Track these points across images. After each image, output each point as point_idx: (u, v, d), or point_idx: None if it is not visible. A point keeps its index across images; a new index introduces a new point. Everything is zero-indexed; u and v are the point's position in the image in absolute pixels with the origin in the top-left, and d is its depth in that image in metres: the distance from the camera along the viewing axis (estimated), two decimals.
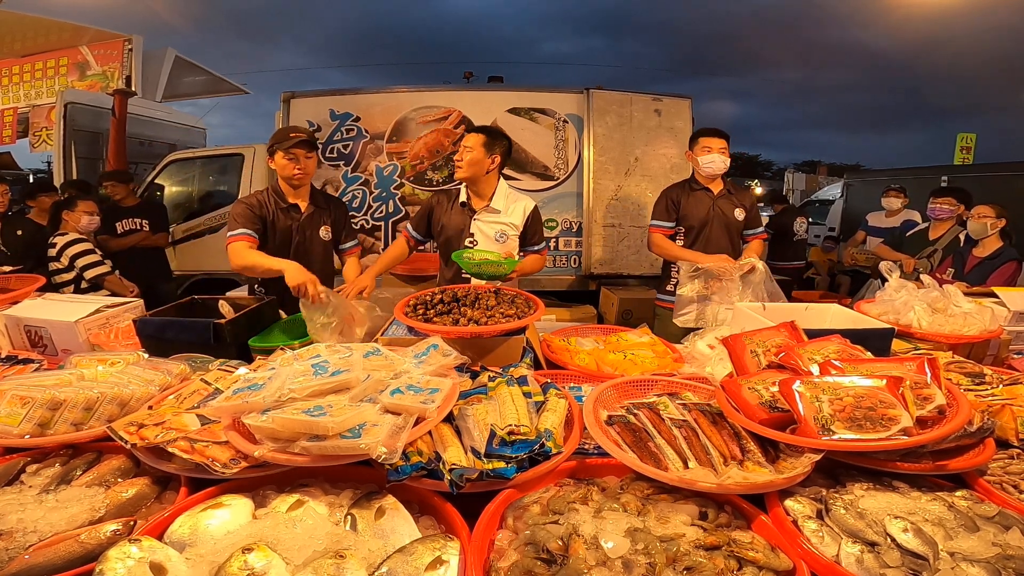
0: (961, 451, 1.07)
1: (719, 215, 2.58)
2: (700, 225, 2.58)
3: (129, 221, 4.13)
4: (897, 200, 4.43)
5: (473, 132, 2.25)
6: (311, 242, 2.25)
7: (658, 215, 2.64)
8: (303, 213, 2.24)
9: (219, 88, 6.73)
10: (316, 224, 2.27)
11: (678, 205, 2.60)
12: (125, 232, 4.11)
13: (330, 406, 0.99)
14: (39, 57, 5.64)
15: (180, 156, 5.11)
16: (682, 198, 2.61)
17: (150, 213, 4.22)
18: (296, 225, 2.22)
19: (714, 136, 2.54)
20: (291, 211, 2.22)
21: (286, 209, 2.21)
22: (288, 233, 2.21)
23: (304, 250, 2.22)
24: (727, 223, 2.59)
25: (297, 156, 2.14)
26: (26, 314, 1.85)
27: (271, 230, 2.18)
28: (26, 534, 0.89)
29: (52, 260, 3.15)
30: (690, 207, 2.59)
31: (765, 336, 1.44)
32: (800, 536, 0.89)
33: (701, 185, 2.61)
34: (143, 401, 1.26)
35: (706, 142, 2.54)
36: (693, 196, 2.60)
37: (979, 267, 2.93)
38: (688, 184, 2.65)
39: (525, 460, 1.02)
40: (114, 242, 4.07)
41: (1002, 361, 1.82)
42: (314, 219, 2.27)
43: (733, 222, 2.60)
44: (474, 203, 2.30)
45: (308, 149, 2.16)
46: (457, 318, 1.60)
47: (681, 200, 2.61)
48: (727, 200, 2.60)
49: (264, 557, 0.77)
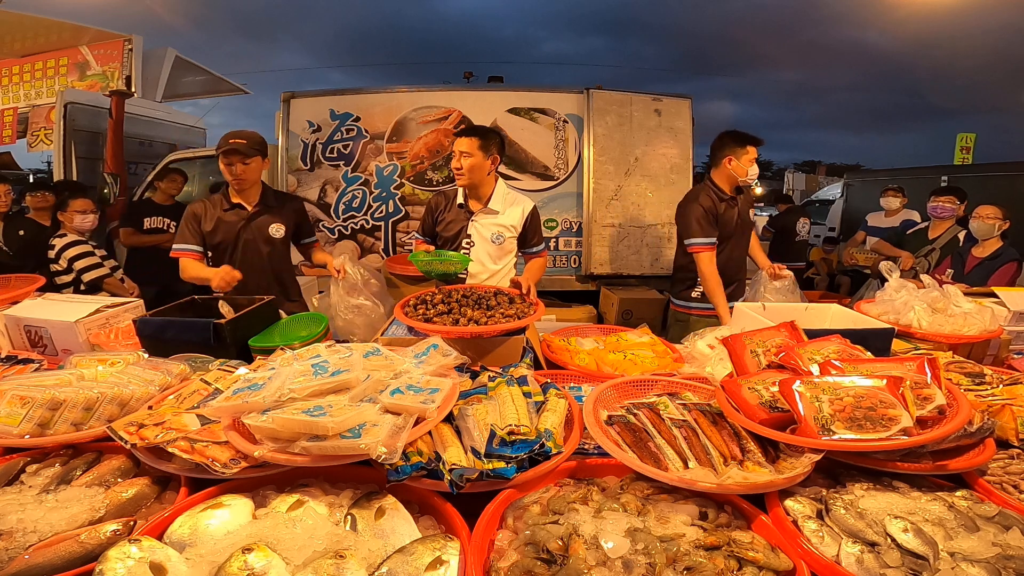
0: (961, 451, 1.07)
1: (740, 220, 2.54)
2: (731, 235, 2.52)
3: (157, 219, 4.15)
4: (896, 200, 4.44)
5: (465, 136, 2.18)
6: (258, 240, 2.28)
7: (704, 231, 2.43)
8: (249, 212, 2.27)
9: (219, 88, 6.72)
10: (264, 223, 2.29)
11: (716, 216, 2.46)
12: (150, 229, 4.13)
13: (330, 406, 0.99)
14: (39, 57, 5.63)
15: (180, 156, 5.11)
16: (716, 209, 2.47)
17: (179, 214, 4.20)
18: (242, 224, 2.26)
19: (757, 145, 2.44)
20: (236, 210, 2.27)
21: (229, 209, 2.26)
22: (233, 231, 2.26)
23: (252, 248, 2.27)
24: (745, 225, 2.58)
25: (232, 162, 2.17)
26: (26, 314, 1.85)
27: (216, 230, 2.25)
28: (26, 534, 0.89)
29: (52, 262, 3.14)
30: (726, 219, 2.48)
31: (765, 336, 1.44)
32: (800, 536, 0.89)
33: (727, 194, 2.48)
34: (143, 401, 1.26)
35: (754, 152, 2.43)
36: (726, 207, 2.49)
37: (979, 267, 2.92)
38: (715, 194, 2.48)
39: (525, 460, 1.02)
40: (135, 238, 4.10)
41: (1002, 361, 1.82)
42: (261, 218, 2.29)
43: (748, 222, 2.60)
44: (472, 205, 2.29)
45: (242, 157, 2.16)
46: (457, 318, 1.60)
47: (716, 211, 2.47)
48: (744, 204, 2.58)
49: (264, 557, 0.77)
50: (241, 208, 2.27)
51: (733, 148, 2.44)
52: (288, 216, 2.35)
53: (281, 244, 2.35)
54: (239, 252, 2.24)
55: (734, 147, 2.44)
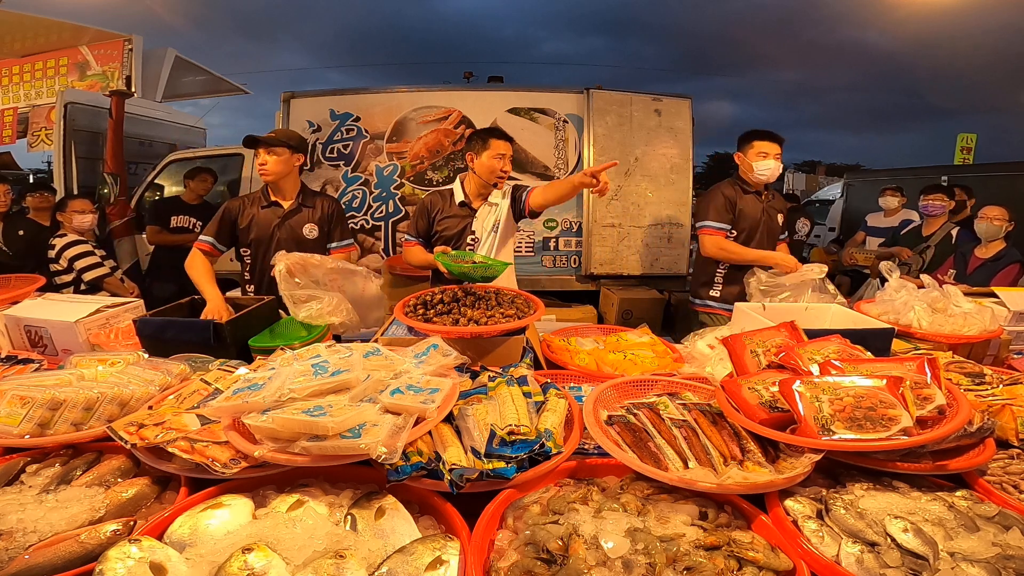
0: (961, 451, 1.07)
1: (768, 220, 2.49)
2: (751, 228, 2.46)
3: (183, 218, 4.16)
4: (894, 199, 4.45)
5: (506, 139, 2.25)
6: (293, 239, 2.27)
7: (715, 215, 2.45)
8: (285, 210, 2.27)
9: (219, 88, 6.72)
10: (299, 222, 2.29)
11: (734, 205, 2.45)
12: (176, 228, 4.15)
13: (330, 406, 0.99)
14: (39, 57, 5.63)
15: (180, 156, 5.11)
16: (737, 199, 2.46)
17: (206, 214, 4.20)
18: (277, 222, 2.26)
19: (771, 140, 2.42)
20: (272, 208, 2.27)
21: (267, 207, 2.27)
22: (268, 229, 2.26)
23: (286, 247, 2.22)
24: (772, 228, 2.51)
25: (257, 152, 2.19)
26: (26, 314, 1.85)
27: (252, 227, 2.25)
28: (26, 534, 0.89)
29: (52, 262, 3.14)
30: (745, 210, 2.45)
31: (765, 336, 1.44)
32: (800, 536, 0.89)
33: (752, 188, 2.48)
34: (143, 401, 1.26)
35: (763, 146, 2.41)
36: (747, 198, 2.47)
37: (982, 268, 2.92)
38: (738, 184, 2.50)
39: (525, 460, 1.02)
40: (161, 236, 4.12)
41: (1002, 361, 1.82)
42: (297, 217, 2.29)
43: (776, 227, 2.53)
44: (475, 203, 2.31)
45: (267, 147, 2.18)
46: (457, 318, 1.60)
47: (737, 201, 2.46)
48: (772, 206, 2.53)
49: (264, 557, 0.77)
50: (277, 206, 2.28)
51: (743, 143, 2.48)
52: (323, 217, 2.34)
53: (313, 245, 2.32)
54: (272, 251, 2.15)
55: (744, 142, 2.48)
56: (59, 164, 5.06)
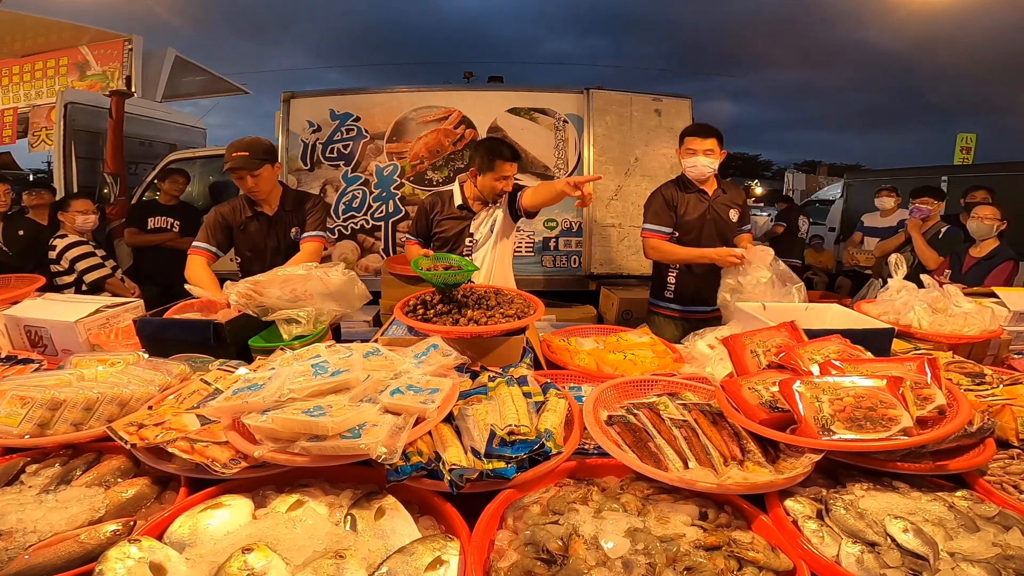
0: (961, 451, 1.07)
1: (715, 218, 2.43)
2: (697, 227, 2.42)
3: (160, 219, 4.15)
4: (890, 199, 4.48)
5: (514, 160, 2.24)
6: (282, 246, 2.27)
7: (654, 218, 2.43)
8: (270, 218, 2.26)
9: (219, 88, 6.72)
10: (285, 227, 2.28)
11: (674, 207, 2.41)
12: (154, 229, 4.13)
13: (330, 406, 0.99)
14: (39, 57, 5.63)
15: (180, 156, 5.11)
16: (677, 200, 2.41)
17: (184, 215, 4.23)
18: (264, 230, 2.26)
19: (697, 136, 2.35)
20: (257, 218, 2.26)
21: (252, 216, 2.26)
22: (256, 238, 2.26)
23: (279, 254, 2.24)
24: (722, 226, 2.44)
25: (241, 177, 2.13)
26: (26, 314, 1.85)
27: (241, 236, 2.24)
28: (26, 534, 0.89)
29: (53, 263, 3.14)
30: (686, 210, 2.41)
31: (765, 336, 1.44)
32: (800, 536, 0.89)
33: (695, 186, 2.42)
34: (143, 401, 1.26)
35: (690, 143, 2.35)
36: (688, 197, 2.42)
37: (976, 267, 2.97)
38: (681, 184, 2.45)
39: (525, 460, 1.02)
40: (139, 237, 4.10)
41: (1002, 361, 1.82)
42: (281, 223, 2.28)
43: (728, 224, 2.46)
44: (474, 206, 2.31)
45: (249, 171, 2.10)
46: (457, 318, 1.60)
47: (677, 202, 2.41)
48: (722, 201, 2.45)
49: (264, 557, 0.77)
50: (262, 215, 2.26)
51: (680, 140, 2.44)
52: (300, 215, 2.32)
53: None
54: (267, 262, 2.14)
55: (680, 139, 2.44)
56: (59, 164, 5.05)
